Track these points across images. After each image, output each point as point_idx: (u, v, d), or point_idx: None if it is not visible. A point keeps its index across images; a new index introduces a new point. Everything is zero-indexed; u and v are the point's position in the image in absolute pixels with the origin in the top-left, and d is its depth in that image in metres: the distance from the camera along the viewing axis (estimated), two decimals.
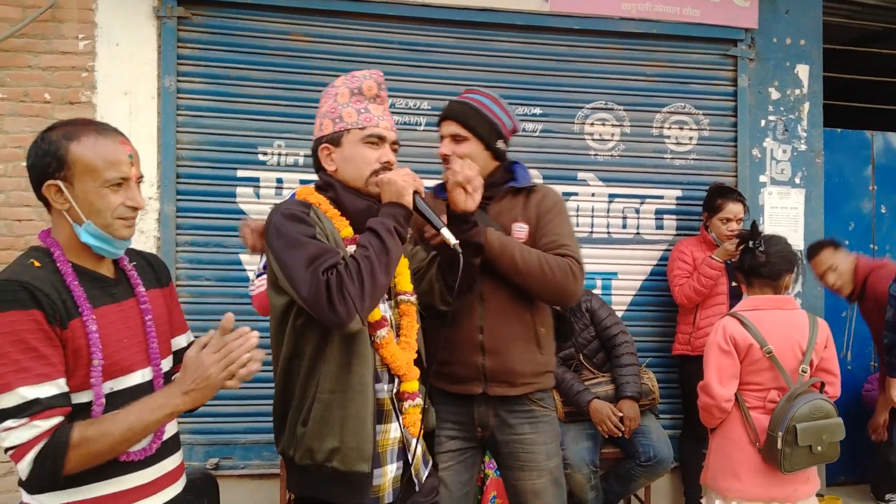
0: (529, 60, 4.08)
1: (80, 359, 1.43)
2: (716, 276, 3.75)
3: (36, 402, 1.35)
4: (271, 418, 1.88)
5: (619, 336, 3.49)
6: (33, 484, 1.40)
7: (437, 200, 2.21)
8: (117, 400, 1.47)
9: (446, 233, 1.84)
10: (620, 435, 3.32)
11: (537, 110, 4.08)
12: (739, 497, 2.57)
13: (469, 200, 1.97)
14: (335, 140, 1.82)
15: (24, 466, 1.37)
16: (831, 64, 4.49)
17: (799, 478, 2.53)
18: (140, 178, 1.56)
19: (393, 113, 2.50)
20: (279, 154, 3.85)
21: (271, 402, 1.87)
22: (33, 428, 1.35)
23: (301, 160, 3.86)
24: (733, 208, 3.79)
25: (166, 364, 1.65)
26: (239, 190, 3.81)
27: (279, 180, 3.85)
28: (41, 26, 3.57)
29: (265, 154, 3.84)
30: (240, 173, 3.82)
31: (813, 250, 3.92)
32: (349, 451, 1.69)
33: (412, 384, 1.85)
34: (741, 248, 2.77)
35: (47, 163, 1.46)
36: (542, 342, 2.30)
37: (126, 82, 3.68)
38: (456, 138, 2.25)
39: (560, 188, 2.81)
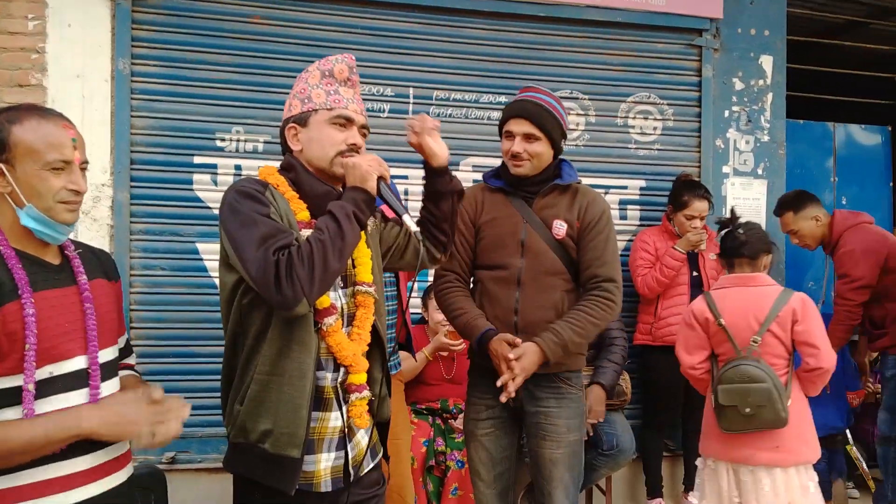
0: (496, 48, 4.00)
1: (14, 342, 1.42)
2: (678, 266, 3.73)
3: None
4: None
5: (614, 332, 3.49)
6: None
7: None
8: (55, 384, 1.47)
9: (408, 220, 1.81)
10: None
11: (503, 98, 4.00)
12: (706, 454, 2.85)
13: (444, 148, 1.97)
14: (302, 120, 1.79)
15: None
16: (795, 55, 4.48)
17: (757, 442, 2.64)
18: (84, 164, 1.56)
19: None
20: (238, 140, 3.73)
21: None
22: None
23: (261, 146, 3.74)
24: (699, 206, 3.77)
25: (107, 354, 1.61)
26: (196, 177, 3.68)
27: (238, 167, 3.73)
28: None
29: (223, 140, 3.71)
30: (196, 160, 3.69)
31: (777, 211, 3.96)
32: (280, 435, 1.68)
33: (359, 376, 1.80)
34: (722, 233, 2.92)
35: None
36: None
37: (78, 65, 3.53)
38: (528, 137, 2.35)
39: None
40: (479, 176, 3.97)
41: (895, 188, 4.97)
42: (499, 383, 2.28)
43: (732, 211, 2.95)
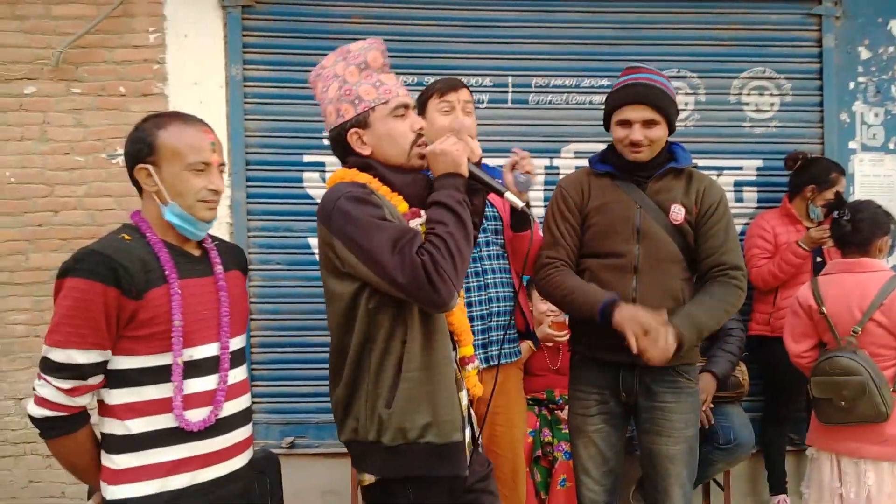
0: (596, 30, 3.88)
1: (161, 324, 1.55)
2: (799, 263, 3.47)
3: (79, 367, 1.51)
4: None
5: (730, 321, 3.29)
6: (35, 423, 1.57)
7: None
8: (192, 368, 1.59)
9: (511, 197, 1.80)
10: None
11: (605, 81, 3.86)
12: (812, 445, 2.79)
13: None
14: (362, 122, 1.73)
15: (34, 412, 1.55)
16: None
17: (863, 435, 2.55)
18: (222, 165, 1.69)
19: None
20: None
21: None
22: (61, 397, 1.52)
23: None
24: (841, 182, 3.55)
25: (237, 342, 1.72)
26: (306, 175, 3.80)
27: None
28: (113, 22, 3.64)
29: None
30: (306, 158, 3.80)
31: None
32: (444, 424, 1.67)
33: (469, 348, 1.82)
34: (830, 218, 2.77)
35: (139, 148, 1.62)
36: None
37: (195, 73, 3.72)
38: (648, 123, 2.25)
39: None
40: (581, 162, 3.88)
41: None
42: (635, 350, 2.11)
43: (838, 194, 2.81)
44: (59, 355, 1.51)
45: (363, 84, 1.73)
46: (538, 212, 3.36)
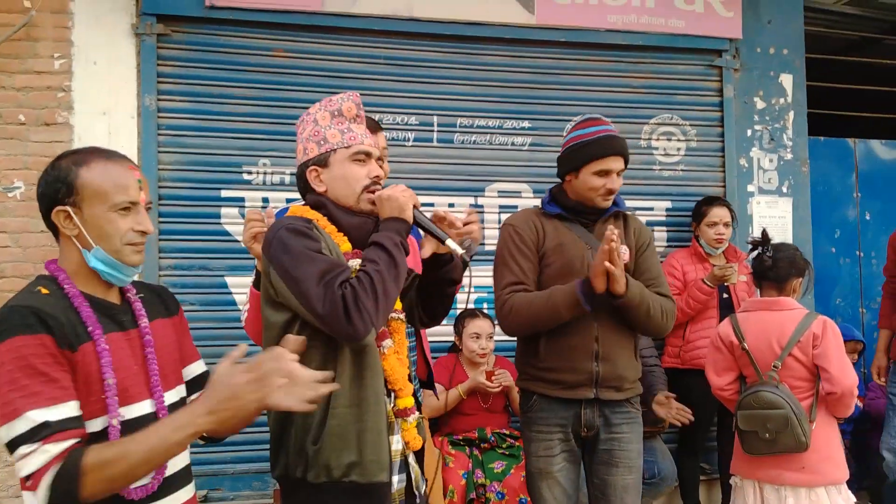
0: (517, 74, 3.95)
1: (91, 384, 1.39)
2: (705, 300, 3.63)
3: (45, 425, 1.29)
4: (260, 446, 1.78)
5: (648, 359, 3.43)
6: None
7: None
8: (125, 430, 1.41)
9: (452, 244, 1.81)
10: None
11: (526, 123, 3.94)
12: (735, 472, 2.83)
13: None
14: (322, 161, 1.80)
15: (41, 495, 1.28)
16: (813, 73, 4.41)
17: (783, 463, 2.62)
18: (149, 204, 1.54)
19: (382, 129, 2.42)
20: (264, 173, 3.66)
21: (260, 428, 1.77)
22: (44, 453, 1.28)
23: (287, 178, 3.67)
24: (718, 212, 3.74)
25: (174, 395, 1.58)
26: (224, 210, 3.61)
27: (265, 199, 3.66)
28: (14, 45, 3.36)
29: (250, 173, 3.65)
30: (224, 193, 3.62)
31: None
32: (369, 464, 1.66)
33: (408, 399, 1.80)
34: (752, 254, 2.89)
35: (57, 188, 1.45)
36: (636, 350, 2.49)
37: (104, 102, 3.48)
38: (619, 173, 2.39)
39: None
40: (505, 202, 3.94)
41: None
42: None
43: (764, 232, 2.89)
44: (20, 425, 1.29)
45: (332, 128, 1.81)
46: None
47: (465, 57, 3.88)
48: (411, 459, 1.82)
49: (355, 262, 1.71)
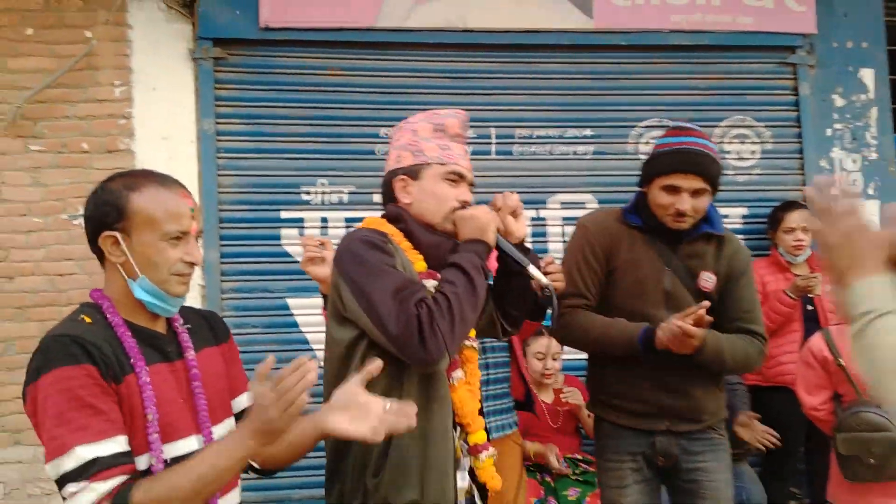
0: (578, 80, 3.79)
1: (135, 418, 1.32)
2: (788, 312, 3.36)
3: (95, 461, 1.24)
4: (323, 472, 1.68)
5: (731, 377, 3.14)
6: None
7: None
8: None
9: (534, 271, 1.68)
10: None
11: (588, 132, 3.77)
12: (833, 501, 2.59)
13: (523, 227, 1.82)
14: (414, 172, 1.70)
15: None
16: (894, 67, 4.10)
17: (890, 490, 2.37)
18: (200, 233, 1.47)
19: None
20: (323, 193, 3.60)
21: (324, 453, 1.67)
22: (92, 492, 1.23)
23: (346, 197, 3.60)
24: (796, 217, 3.46)
25: (223, 429, 1.48)
26: (283, 231, 3.56)
27: (324, 219, 3.59)
28: (76, 75, 3.39)
29: (308, 193, 3.59)
30: (283, 214, 3.57)
31: None
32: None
33: (480, 435, 1.68)
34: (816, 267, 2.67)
35: (106, 213, 1.38)
36: (721, 380, 2.29)
37: (164, 127, 3.48)
38: (697, 193, 2.11)
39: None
40: (568, 213, 3.76)
41: None
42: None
43: None
44: (69, 461, 1.23)
45: (431, 142, 1.72)
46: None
47: (521, 66, 3.75)
48: (478, 499, 1.70)
49: (430, 283, 1.61)
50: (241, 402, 1.56)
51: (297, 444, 1.46)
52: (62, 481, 1.24)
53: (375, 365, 1.38)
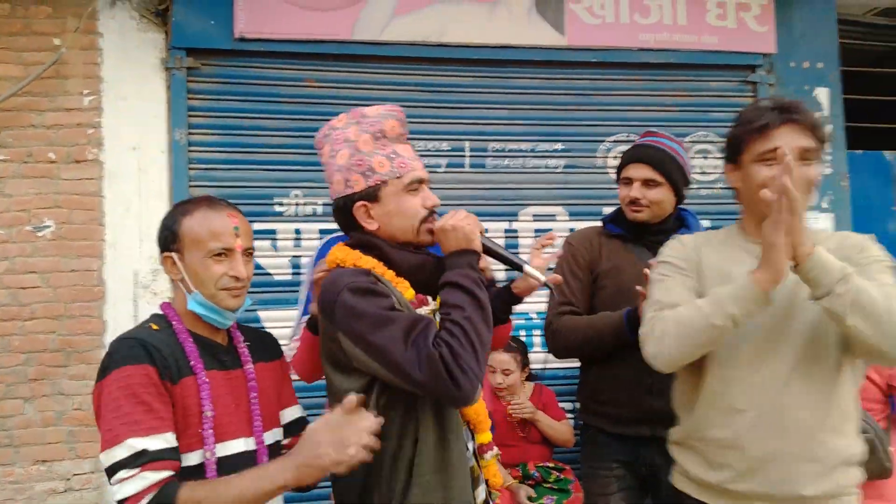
0: (549, 96, 3.81)
1: (189, 417, 1.44)
2: None
3: (143, 452, 1.35)
4: None
5: None
6: None
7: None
8: (221, 466, 1.46)
9: (531, 270, 1.64)
10: None
11: (559, 146, 3.80)
12: None
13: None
14: (371, 195, 1.56)
15: None
16: (848, 86, 4.24)
17: (864, 492, 2.34)
18: (249, 250, 1.58)
19: None
20: (296, 204, 3.53)
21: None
22: (143, 479, 1.33)
23: (319, 209, 3.54)
24: None
25: (271, 436, 1.61)
26: (255, 244, 3.45)
27: (297, 231, 3.53)
28: (44, 83, 3.26)
29: (282, 205, 3.52)
30: (256, 226, 3.46)
31: None
32: None
33: (486, 435, 1.66)
34: None
35: (165, 236, 1.55)
36: None
37: (135, 137, 3.37)
38: (648, 183, 2.22)
39: (586, 224, 2.61)
40: (540, 225, 3.78)
41: None
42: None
43: None
44: (120, 451, 1.35)
45: (377, 155, 1.56)
46: (500, 275, 3.17)
47: (495, 81, 3.75)
48: (495, 495, 1.70)
49: (423, 310, 1.55)
50: (289, 413, 1.70)
51: None
52: (114, 469, 1.34)
53: (358, 398, 1.37)
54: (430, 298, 1.60)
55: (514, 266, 1.64)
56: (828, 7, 4.12)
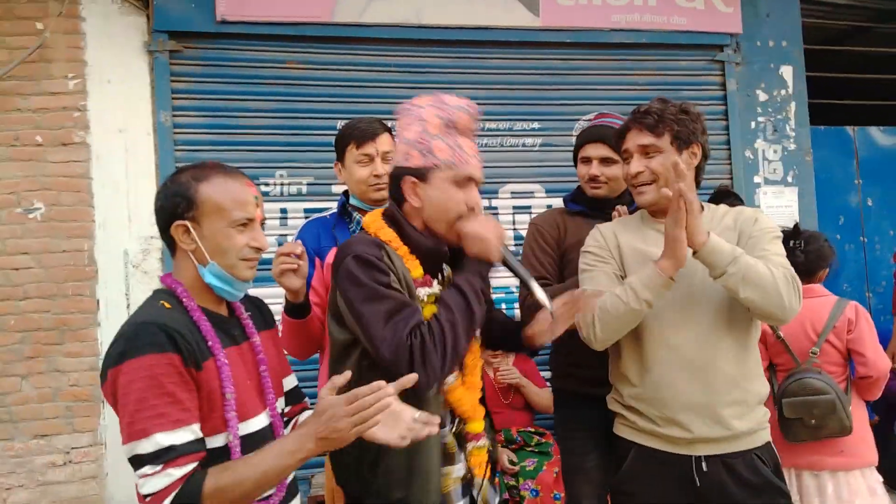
0: (525, 76, 3.90)
1: (213, 401, 1.38)
2: None
3: (171, 448, 1.29)
4: None
5: None
6: None
7: None
8: (244, 444, 1.41)
9: (539, 292, 1.62)
10: None
11: (535, 125, 3.89)
12: None
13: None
14: (422, 175, 1.61)
15: None
16: (811, 64, 4.37)
17: (821, 448, 2.58)
18: (264, 221, 1.53)
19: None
20: (281, 184, 3.60)
21: None
22: (167, 476, 1.29)
23: (304, 189, 3.61)
24: (723, 206, 3.63)
25: (280, 405, 1.58)
26: None
27: (283, 210, 3.59)
28: (29, 67, 3.28)
29: (267, 185, 3.58)
30: None
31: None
32: (414, 501, 1.56)
33: (478, 424, 1.67)
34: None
35: (177, 203, 1.42)
36: None
37: (120, 120, 3.41)
38: (606, 161, 2.30)
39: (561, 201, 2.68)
40: (518, 202, 3.88)
41: None
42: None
43: (796, 225, 2.82)
44: (147, 445, 1.29)
45: (440, 140, 1.60)
46: None
47: (473, 61, 3.83)
48: (482, 484, 1.68)
49: (423, 291, 1.60)
50: (287, 382, 1.65)
51: None
52: (138, 462, 1.29)
53: (343, 377, 1.37)
54: (434, 282, 1.64)
55: (525, 285, 1.67)
56: None
